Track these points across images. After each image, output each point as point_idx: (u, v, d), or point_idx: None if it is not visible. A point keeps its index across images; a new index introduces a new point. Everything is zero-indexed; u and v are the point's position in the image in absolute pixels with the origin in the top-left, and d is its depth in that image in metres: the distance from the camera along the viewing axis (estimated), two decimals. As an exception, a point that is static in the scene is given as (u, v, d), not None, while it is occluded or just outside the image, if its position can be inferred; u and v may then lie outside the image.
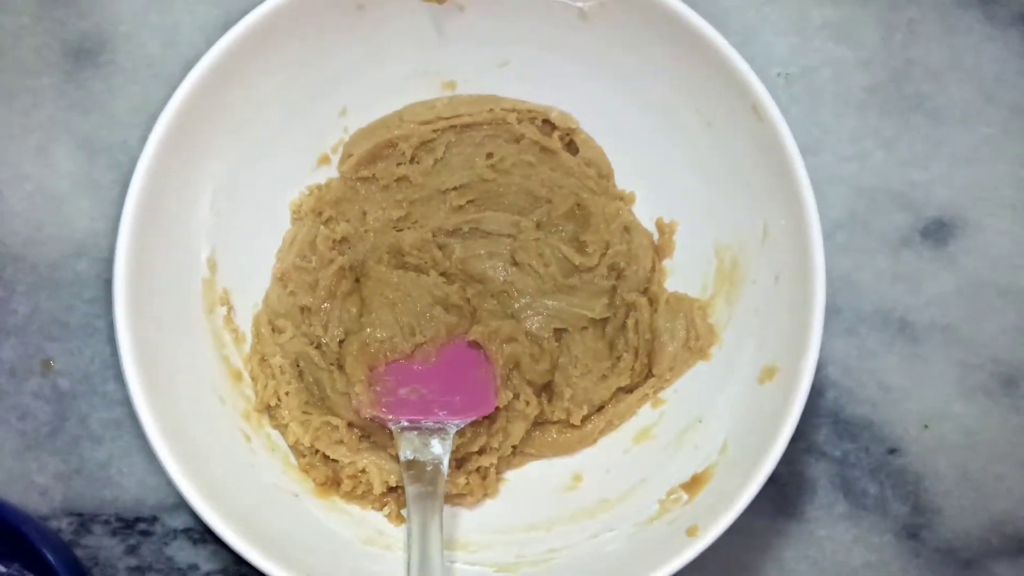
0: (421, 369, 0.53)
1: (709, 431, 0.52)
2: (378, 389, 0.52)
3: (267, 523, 0.49)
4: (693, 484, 0.50)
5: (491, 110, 0.56)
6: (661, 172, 0.56)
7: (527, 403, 0.53)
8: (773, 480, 0.51)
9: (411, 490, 0.49)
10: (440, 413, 0.52)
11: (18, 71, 0.58)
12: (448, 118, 0.56)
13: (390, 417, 0.51)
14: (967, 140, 0.59)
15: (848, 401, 0.57)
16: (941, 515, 0.56)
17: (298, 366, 0.54)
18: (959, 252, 0.58)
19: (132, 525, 0.55)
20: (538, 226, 0.56)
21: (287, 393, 0.53)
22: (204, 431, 0.50)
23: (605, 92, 0.55)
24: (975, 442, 0.57)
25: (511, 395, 0.53)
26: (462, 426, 0.52)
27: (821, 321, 0.48)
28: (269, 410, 0.53)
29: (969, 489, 0.56)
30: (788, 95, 0.59)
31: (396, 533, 0.52)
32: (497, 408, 0.53)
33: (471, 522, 0.53)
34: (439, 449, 0.50)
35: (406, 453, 0.50)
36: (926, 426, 0.57)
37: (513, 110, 0.56)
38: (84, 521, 0.55)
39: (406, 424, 0.51)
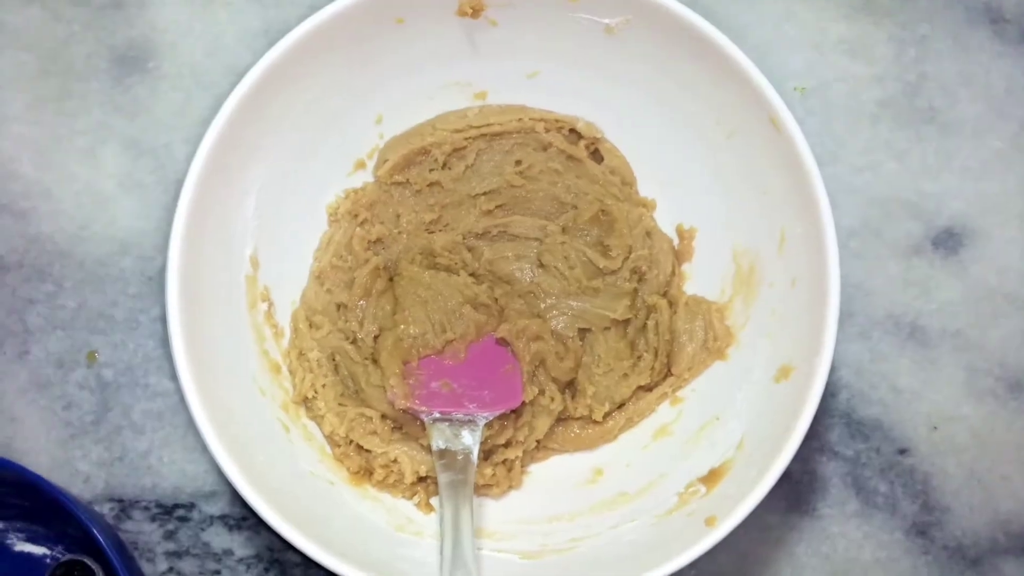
0: (452, 364, 0.54)
1: (726, 428, 0.53)
2: (411, 382, 0.53)
3: (304, 508, 0.50)
4: (711, 477, 0.51)
5: (520, 119, 0.57)
6: (682, 180, 0.57)
7: (552, 399, 0.54)
8: (788, 478, 0.52)
9: (443, 478, 0.50)
10: (470, 406, 0.53)
11: (68, 76, 0.59)
12: (479, 127, 0.56)
13: (423, 409, 0.53)
14: (977, 153, 0.59)
15: (860, 402, 0.57)
16: (949, 514, 0.57)
17: (334, 360, 0.55)
18: (969, 260, 0.59)
19: (170, 511, 0.56)
20: (564, 230, 0.57)
21: (323, 386, 0.54)
22: (246, 421, 0.51)
23: (629, 103, 0.56)
24: (983, 443, 0.57)
25: (536, 391, 0.54)
26: (490, 419, 0.53)
27: (835, 324, 0.49)
28: (306, 402, 0.54)
29: (977, 489, 0.57)
30: (804, 108, 0.60)
31: (425, 521, 0.53)
32: (523, 403, 0.54)
33: (497, 513, 0.54)
34: (469, 440, 0.52)
35: (438, 443, 0.52)
36: (935, 427, 0.57)
37: (541, 120, 0.57)
38: (124, 507, 0.56)
39: (438, 416, 0.52)
